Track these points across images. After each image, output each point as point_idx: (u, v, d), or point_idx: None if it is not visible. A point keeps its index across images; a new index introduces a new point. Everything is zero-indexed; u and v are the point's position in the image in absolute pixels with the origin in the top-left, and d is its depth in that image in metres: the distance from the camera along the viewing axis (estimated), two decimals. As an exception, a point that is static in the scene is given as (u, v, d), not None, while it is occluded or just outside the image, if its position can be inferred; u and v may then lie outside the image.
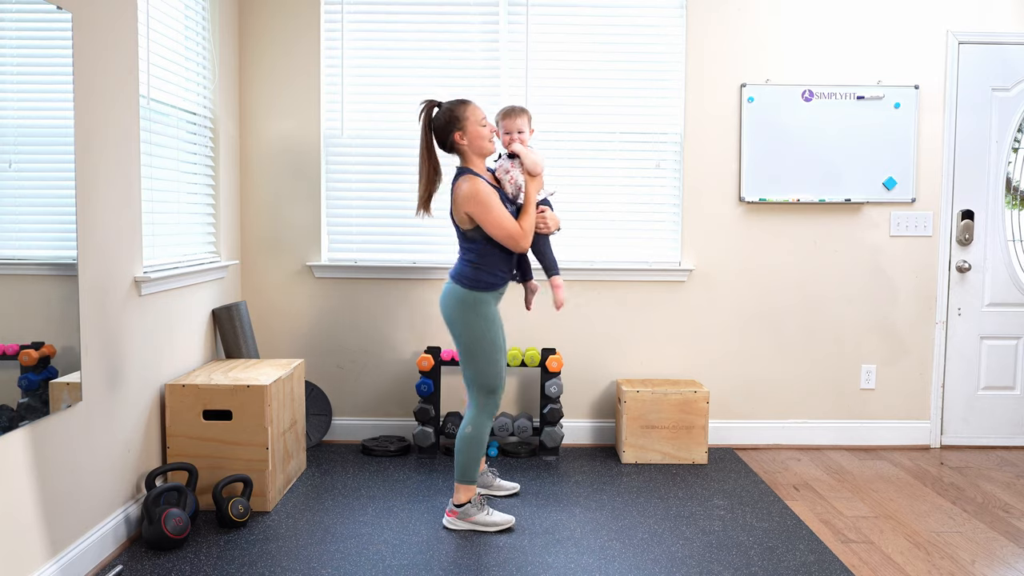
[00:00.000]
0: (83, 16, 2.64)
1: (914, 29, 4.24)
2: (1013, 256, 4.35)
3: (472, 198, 3.01)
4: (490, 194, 3.03)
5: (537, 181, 3.17)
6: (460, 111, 3.10)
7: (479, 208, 3.01)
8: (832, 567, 2.85)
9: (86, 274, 2.68)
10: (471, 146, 3.11)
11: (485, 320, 3.11)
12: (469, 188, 3.02)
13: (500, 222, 3.02)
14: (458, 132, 3.10)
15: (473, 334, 3.11)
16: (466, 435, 3.14)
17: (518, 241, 3.06)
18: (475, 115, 3.10)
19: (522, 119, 3.22)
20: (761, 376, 4.35)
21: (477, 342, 3.11)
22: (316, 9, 4.16)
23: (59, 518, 2.57)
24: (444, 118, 3.11)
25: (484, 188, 3.02)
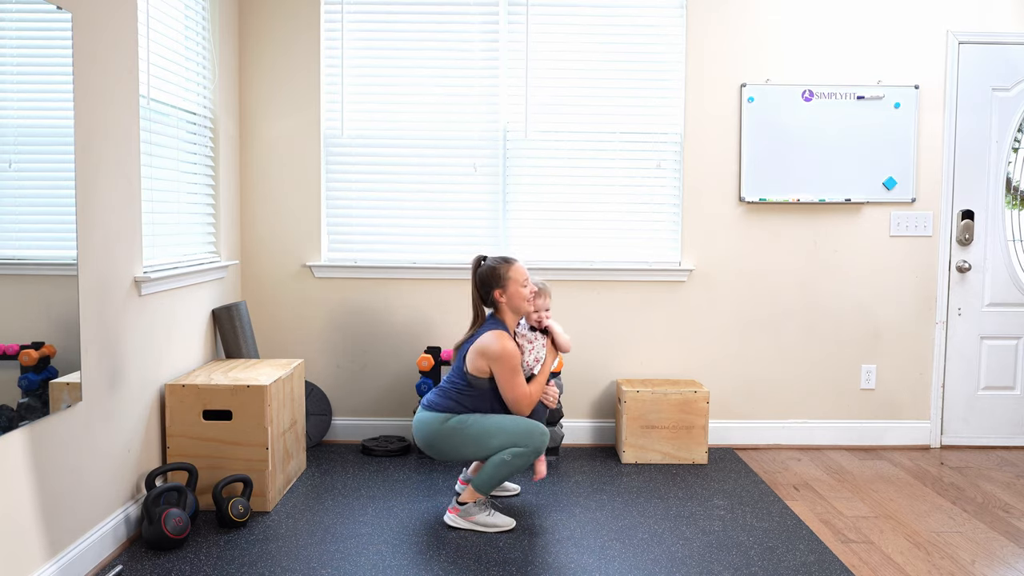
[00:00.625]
0: (83, 16, 2.64)
1: (914, 29, 4.24)
2: (1013, 256, 4.35)
3: (503, 358, 3.10)
4: (517, 358, 3.14)
5: (555, 356, 3.32)
6: (503, 269, 3.21)
7: (505, 369, 3.11)
8: (832, 567, 2.85)
9: (86, 274, 2.68)
10: (509, 304, 3.22)
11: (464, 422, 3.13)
12: (501, 348, 3.10)
13: (518, 387, 3.14)
14: (499, 290, 3.21)
15: (467, 433, 3.12)
16: (504, 461, 3.10)
17: (524, 407, 3.17)
18: (518, 276, 3.21)
19: (548, 299, 3.39)
20: (761, 376, 4.35)
21: (477, 431, 3.12)
22: (316, 9, 4.16)
23: (59, 518, 2.57)
24: (487, 274, 3.22)
25: (515, 353, 3.13)
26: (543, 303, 3.35)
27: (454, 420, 3.14)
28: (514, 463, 3.10)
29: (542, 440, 3.12)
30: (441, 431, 3.14)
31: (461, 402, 3.17)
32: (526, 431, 3.11)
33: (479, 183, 4.26)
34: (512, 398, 3.14)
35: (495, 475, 3.11)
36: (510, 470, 3.11)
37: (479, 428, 3.12)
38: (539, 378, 3.25)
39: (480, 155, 4.25)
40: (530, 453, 3.10)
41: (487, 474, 3.12)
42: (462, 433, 3.12)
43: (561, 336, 3.31)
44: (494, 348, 3.11)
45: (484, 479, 3.13)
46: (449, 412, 3.16)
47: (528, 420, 3.15)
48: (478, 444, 3.12)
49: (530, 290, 3.24)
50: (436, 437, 3.15)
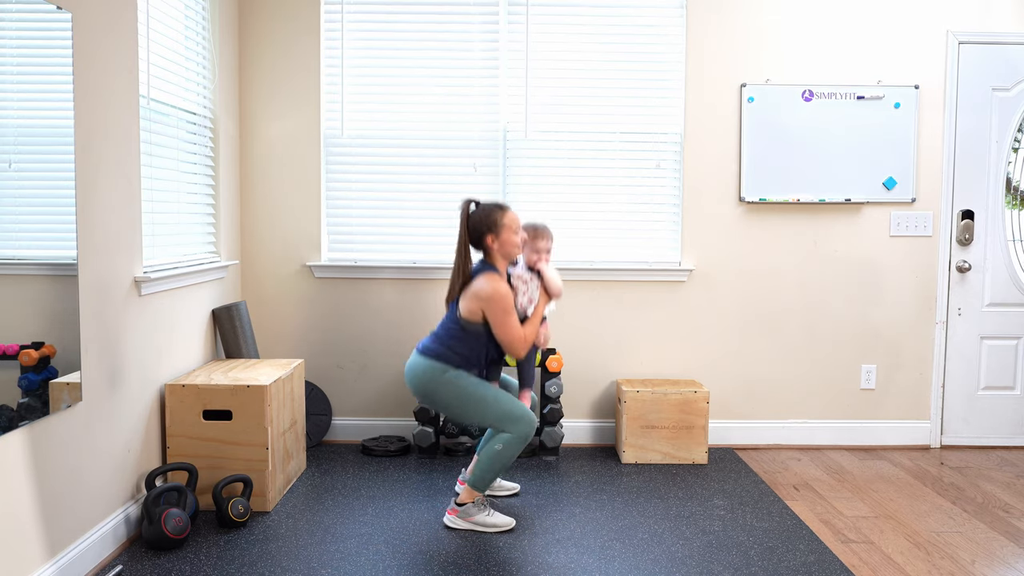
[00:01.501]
0: (83, 16, 2.64)
1: (914, 29, 4.24)
2: (1013, 256, 4.35)
3: (495, 300, 3.09)
4: (510, 300, 3.12)
5: (547, 300, 3.31)
6: (498, 216, 3.19)
7: (498, 310, 3.10)
8: (832, 567, 2.85)
9: (86, 274, 2.68)
10: (500, 250, 3.20)
11: (462, 378, 3.13)
12: (493, 290, 3.09)
13: (512, 329, 3.13)
14: (491, 235, 3.19)
15: (459, 393, 3.12)
16: (496, 451, 3.11)
17: (518, 349, 3.16)
18: (512, 223, 3.21)
19: (549, 240, 3.36)
20: (761, 376, 4.35)
21: (468, 395, 3.12)
22: (316, 9, 4.16)
23: (59, 518, 2.57)
24: (480, 219, 3.20)
25: (508, 294, 3.12)
26: (544, 244, 3.33)
27: (452, 373, 3.13)
28: (505, 453, 3.10)
29: (531, 426, 3.11)
30: (438, 380, 3.12)
31: (454, 348, 3.14)
32: (516, 416, 3.10)
33: (479, 183, 4.26)
34: (506, 339, 3.12)
35: (488, 468, 3.11)
36: (502, 461, 3.10)
37: (474, 391, 3.11)
38: (533, 319, 3.23)
39: (480, 155, 4.25)
40: (519, 440, 3.10)
41: (481, 468, 3.13)
42: (454, 389, 3.11)
43: (552, 280, 3.28)
44: (486, 290, 3.09)
45: (479, 474, 3.13)
46: (445, 362, 3.13)
47: (519, 405, 3.13)
48: (467, 406, 3.11)
49: (521, 238, 3.23)
50: (431, 385, 3.14)
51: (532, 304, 3.26)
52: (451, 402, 3.14)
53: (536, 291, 3.28)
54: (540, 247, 3.32)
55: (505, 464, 3.12)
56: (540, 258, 3.32)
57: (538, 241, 3.32)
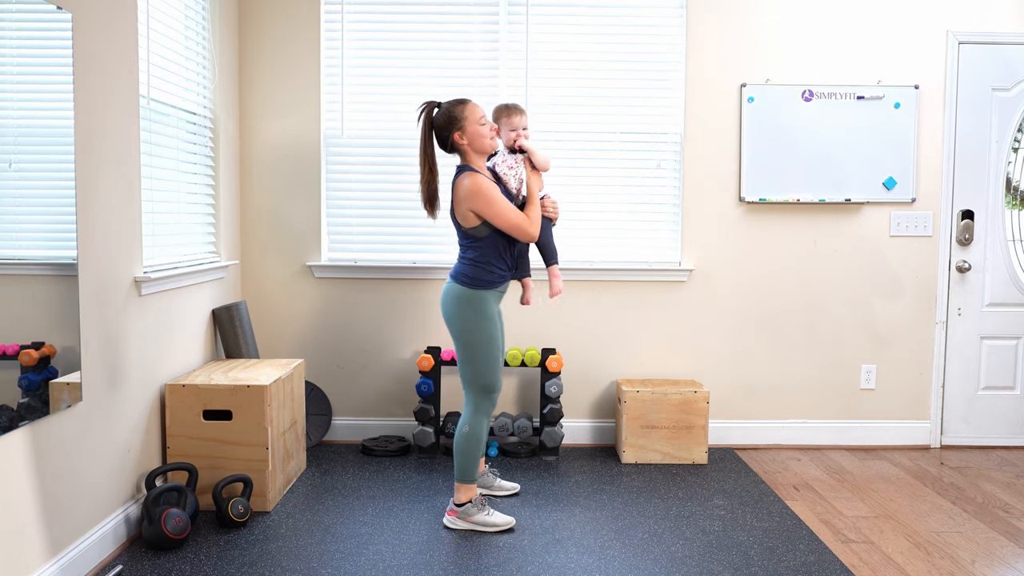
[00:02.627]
0: (83, 16, 2.64)
1: (914, 29, 4.24)
2: (1013, 256, 4.35)
3: (476, 194, 3.04)
4: (493, 188, 3.07)
5: (539, 176, 3.25)
6: (458, 111, 3.12)
7: (484, 202, 3.04)
8: (832, 567, 2.85)
9: (86, 274, 2.68)
10: (471, 145, 3.13)
11: (485, 319, 3.11)
12: (471, 184, 3.05)
13: (507, 214, 3.06)
14: (457, 132, 3.12)
15: (473, 333, 3.11)
16: (464, 435, 3.16)
17: (526, 230, 3.10)
18: (474, 114, 3.13)
19: (523, 116, 3.30)
20: (761, 376, 4.35)
21: (477, 341, 3.12)
22: (316, 9, 4.16)
23: (59, 518, 2.57)
24: (443, 118, 3.14)
25: (487, 183, 3.06)
26: (519, 121, 3.27)
27: (477, 297, 3.09)
28: (472, 433, 3.15)
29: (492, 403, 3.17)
30: (462, 301, 3.10)
31: (480, 262, 3.10)
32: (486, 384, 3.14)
33: (479, 183, 4.26)
34: (509, 225, 3.07)
35: (463, 451, 3.16)
36: (472, 440, 3.14)
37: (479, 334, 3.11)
38: (531, 200, 3.18)
39: (480, 155, 4.25)
40: (478, 413, 3.15)
41: (457, 455, 3.17)
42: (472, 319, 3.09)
43: (537, 153, 3.23)
44: (464, 187, 3.05)
45: (457, 463, 3.18)
46: (472, 286, 3.10)
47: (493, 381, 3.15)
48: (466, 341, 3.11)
49: (490, 127, 3.16)
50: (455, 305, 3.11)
51: (523, 184, 3.20)
52: (461, 330, 3.12)
53: (523, 171, 3.21)
54: (515, 124, 3.26)
55: (478, 443, 3.15)
56: (518, 135, 3.25)
57: (512, 119, 3.26)
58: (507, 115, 3.28)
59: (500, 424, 4.08)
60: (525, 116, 3.31)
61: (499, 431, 4.08)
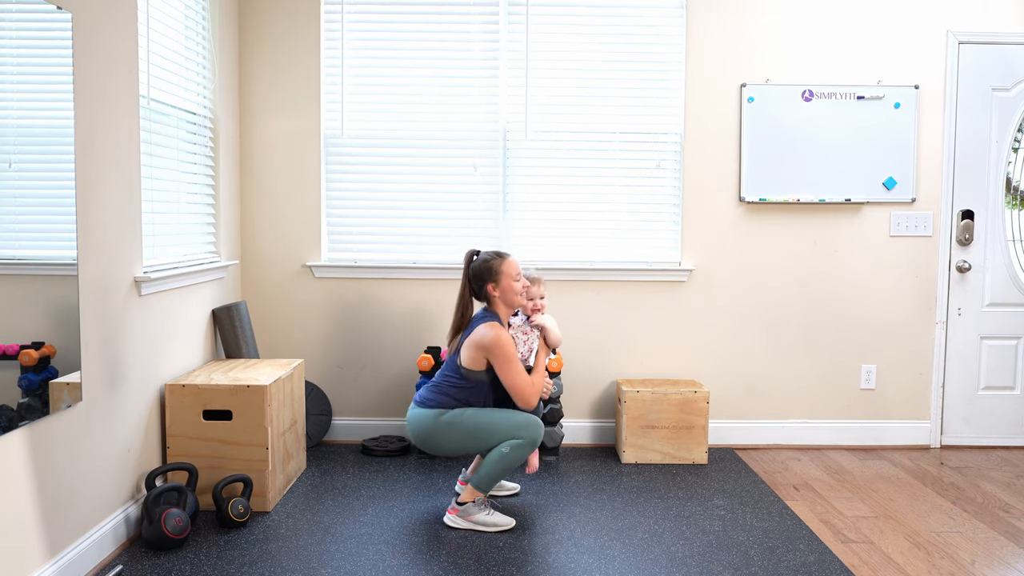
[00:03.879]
0: (83, 16, 2.64)
1: (914, 29, 4.24)
2: (1013, 256, 4.35)
3: (498, 347, 3.10)
4: (513, 346, 3.14)
5: (547, 351, 3.34)
6: (497, 264, 3.22)
7: (503, 357, 3.10)
8: (832, 567, 2.85)
9: (86, 274, 2.68)
10: (502, 297, 3.23)
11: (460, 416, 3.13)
12: (496, 336, 3.10)
13: (520, 375, 3.13)
14: (491, 284, 3.21)
15: (463, 426, 3.13)
16: (501, 454, 3.12)
17: (528, 396, 3.15)
18: (511, 270, 3.22)
19: (542, 287, 3.39)
20: (761, 376, 4.35)
21: (473, 430, 3.13)
22: (316, 9, 4.16)
23: (59, 518, 2.57)
24: (480, 268, 3.22)
25: (510, 340, 3.14)
26: (536, 291, 3.35)
27: (448, 415, 3.14)
28: (511, 456, 3.11)
29: (538, 432, 3.14)
30: (436, 426, 3.14)
31: (455, 396, 3.17)
32: (522, 424, 3.12)
33: (479, 183, 4.26)
34: (515, 385, 3.12)
35: (494, 470, 3.12)
36: (508, 464, 3.11)
37: (475, 422, 3.12)
38: (537, 367, 3.25)
39: (480, 155, 4.25)
40: (527, 445, 3.12)
41: (486, 470, 3.13)
42: (458, 428, 3.13)
43: (552, 331, 3.33)
44: (489, 337, 3.10)
45: (483, 476, 3.14)
46: (442, 407, 3.16)
47: (522, 413, 3.16)
48: (474, 438, 3.13)
49: (523, 284, 3.26)
50: (431, 433, 3.16)
51: (532, 353, 3.29)
52: (458, 442, 3.15)
53: (535, 340, 3.31)
54: (534, 294, 3.35)
55: (510, 467, 3.13)
56: (535, 306, 3.34)
57: (532, 289, 3.35)
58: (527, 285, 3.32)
59: (500, 424, 4.08)
60: (543, 286, 3.40)
61: (499, 431, 4.08)
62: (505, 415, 3.14)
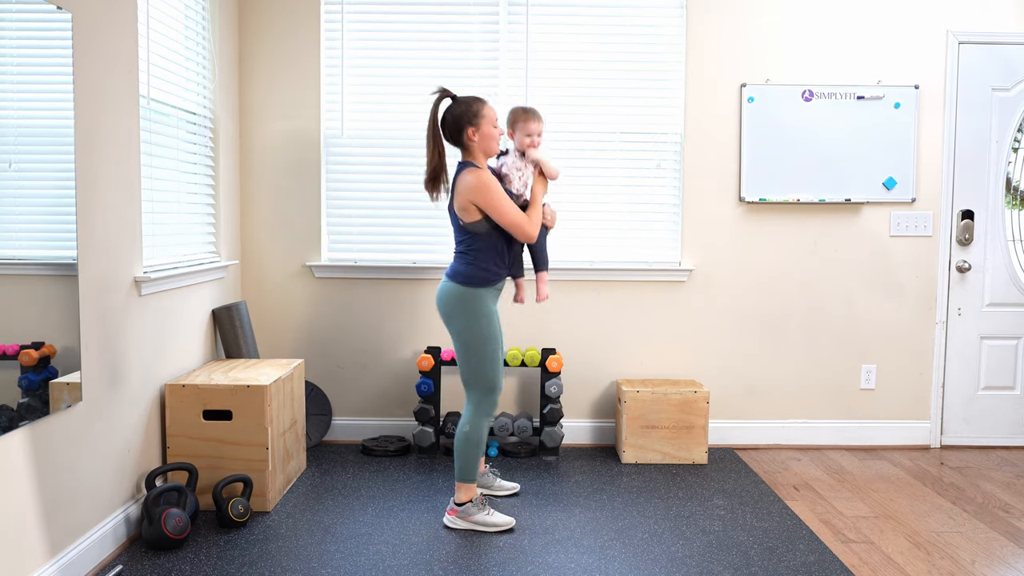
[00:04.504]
0: (83, 16, 2.64)
1: (914, 29, 4.24)
2: (1013, 256, 4.35)
3: (480, 187, 3.05)
4: (497, 184, 3.10)
5: (544, 184, 3.26)
6: (478, 107, 3.13)
7: (487, 196, 3.05)
8: (832, 567, 2.85)
9: (86, 274, 2.68)
10: (480, 144, 3.14)
11: (484, 317, 3.12)
12: (477, 179, 3.06)
13: (510, 211, 3.08)
14: (471, 128, 3.12)
15: (471, 332, 3.12)
16: (464, 434, 3.16)
17: (526, 229, 3.11)
18: (491, 115, 3.15)
19: (540, 122, 3.30)
20: (761, 376, 4.35)
21: (475, 340, 3.12)
22: (316, 9, 4.16)
23: (59, 518, 2.57)
24: (460, 111, 3.12)
25: (491, 178, 3.09)
26: (535, 127, 3.27)
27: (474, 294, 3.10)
28: (473, 433, 3.15)
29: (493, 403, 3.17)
30: (461, 300, 3.10)
31: (476, 259, 3.11)
32: (488, 384, 3.14)
33: (479, 183, 4.26)
34: (510, 222, 3.08)
35: (463, 452, 3.16)
36: (473, 441, 3.14)
37: (478, 333, 3.11)
38: (533, 203, 3.20)
39: (480, 155, 4.25)
40: (480, 413, 3.15)
41: (457, 455, 3.17)
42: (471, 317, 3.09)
43: (549, 164, 3.25)
44: (470, 182, 3.05)
45: (458, 464, 3.17)
46: (468, 284, 3.10)
47: (495, 380, 3.15)
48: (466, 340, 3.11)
49: (499, 132, 3.18)
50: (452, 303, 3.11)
51: (528, 188, 3.22)
52: (460, 329, 3.12)
53: (531, 176, 3.24)
54: (531, 129, 3.26)
55: (478, 443, 3.15)
56: (532, 142, 3.26)
57: (529, 123, 3.26)
58: (524, 119, 3.27)
59: (500, 424, 4.08)
60: (542, 122, 3.31)
61: (499, 431, 4.08)
62: (491, 363, 3.12)
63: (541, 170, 3.26)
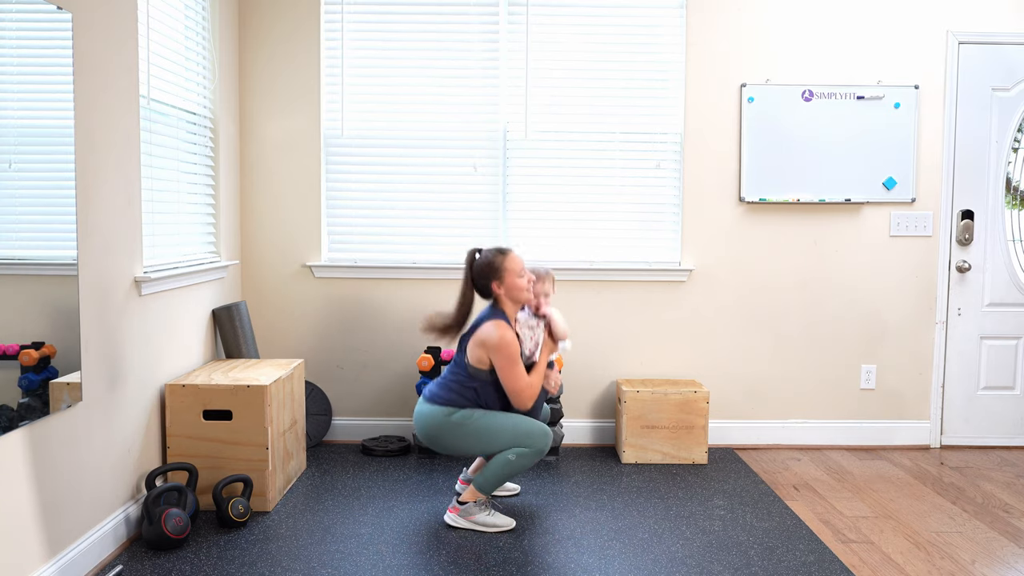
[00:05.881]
0: (83, 16, 2.64)
1: (914, 29, 4.24)
2: (1013, 256, 4.35)
3: (501, 348, 3.07)
4: (516, 348, 3.10)
5: (552, 348, 3.30)
6: (500, 261, 3.17)
7: (505, 359, 3.07)
8: (832, 567, 2.85)
9: (86, 274, 2.68)
10: (507, 295, 3.19)
11: (470, 417, 3.11)
12: (500, 337, 3.07)
13: (517, 378, 3.10)
14: (496, 282, 3.17)
15: (468, 433, 3.11)
16: (507, 461, 3.10)
17: (524, 400, 3.12)
18: (514, 266, 3.18)
19: (550, 283, 3.36)
20: (761, 376, 4.35)
21: (480, 433, 3.11)
22: (316, 9, 4.16)
23: (59, 518, 2.57)
24: (483, 267, 3.19)
25: (513, 341, 3.10)
26: (546, 288, 3.32)
27: (458, 415, 3.12)
28: (518, 463, 3.09)
29: (545, 441, 3.12)
30: (445, 425, 3.12)
31: (463, 394, 3.14)
32: (530, 431, 3.10)
33: (479, 183, 4.26)
34: (513, 389, 3.10)
35: (499, 475, 3.11)
36: (513, 470, 3.10)
37: (483, 425, 3.11)
38: (538, 366, 3.22)
39: (480, 155, 4.25)
40: (533, 454, 3.10)
41: (490, 473, 3.12)
42: (466, 429, 3.11)
43: (558, 323, 3.29)
44: (493, 338, 3.08)
45: (487, 478, 3.13)
46: (452, 406, 3.13)
47: (532, 420, 3.14)
48: (481, 441, 3.11)
49: (527, 279, 3.21)
50: (439, 431, 3.14)
51: (538, 348, 3.26)
52: (464, 443, 3.13)
53: (542, 335, 3.27)
54: (538, 290, 3.31)
55: (515, 473, 3.13)
56: (543, 302, 3.31)
57: (539, 285, 3.32)
58: (535, 280, 3.29)
59: (500, 424, 4.08)
60: (553, 282, 3.38)
61: (499, 431, 4.08)
62: (514, 421, 3.12)
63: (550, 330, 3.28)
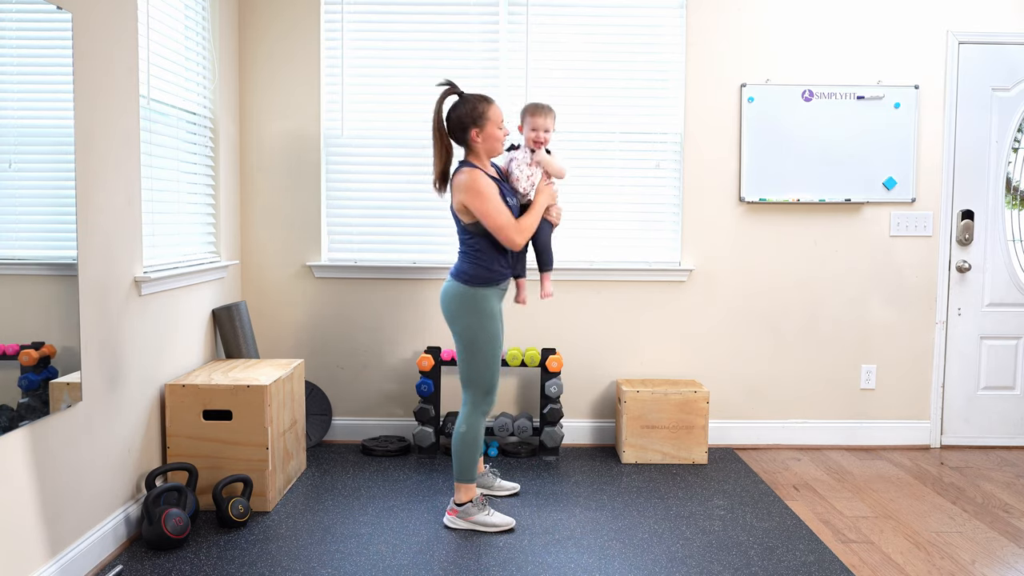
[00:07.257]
0: (83, 16, 2.64)
1: (914, 29, 4.24)
2: (1013, 256, 4.35)
3: (470, 188, 3.02)
4: (489, 186, 3.05)
5: (551, 187, 3.24)
6: (483, 108, 3.09)
7: (476, 198, 3.02)
8: (832, 567, 2.85)
9: (86, 274, 2.68)
10: (484, 144, 3.12)
11: (487, 317, 3.11)
12: (468, 178, 3.04)
13: (496, 214, 3.03)
14: (476, 129, 3.09)
15: (475, 332, 3.11)
16: (461, 434, 3.16)
17: (511, 236, 3.06)
18: (496, 116, 3.12)
19: (551, 118, 3.25)
20: (761, 376, 4.35)
21: (479, 340, 3.12)
22: (316, 9, 4.16)
23: (59, 518, 2.57)
24: (465, 111, 3.09)
25: (484, 181, 3.05)
26: (542, 122, 3.21)
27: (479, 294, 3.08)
28: (468, 433, 3.15)
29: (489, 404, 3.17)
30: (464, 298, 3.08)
31: (479, 259, 3.09)
32: (484, 385, 3.14)
33: (479, 183, 4.26)
34: (494, 226, 3.02)
35: (460, 452, 3.16)
36: (469, 440, 3.14)
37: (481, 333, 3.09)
38: (531, 209, 3.16)
39: (480, 155, 4.25)
40: (476, 413, 3.15)
41: (455, 456, 3.17)
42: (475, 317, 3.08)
43: (552, 163, 3.21)
44: (462, 180, 3.03)
45: (455, 464, 3.17)
46: (471, 284, 3.08)
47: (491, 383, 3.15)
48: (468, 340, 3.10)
49: (504, 132, 3.14)
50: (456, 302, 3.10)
51: (534, 188, 3.18)
52: (463, 328, 3.11)
53: (539, 176, 3.19)
54: (537, 124, 3.20)
55: (476, 442, 3.15)
56: (537, 137, 3.21)
57: (536, 118, 3.21)
58: (531, 114, 3.24)
59: (500, 424, 4.08)
60: (552, 118, 3.25)
61: (499, 431, 4.08)
62: (490, 365, 3.12)
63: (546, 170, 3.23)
